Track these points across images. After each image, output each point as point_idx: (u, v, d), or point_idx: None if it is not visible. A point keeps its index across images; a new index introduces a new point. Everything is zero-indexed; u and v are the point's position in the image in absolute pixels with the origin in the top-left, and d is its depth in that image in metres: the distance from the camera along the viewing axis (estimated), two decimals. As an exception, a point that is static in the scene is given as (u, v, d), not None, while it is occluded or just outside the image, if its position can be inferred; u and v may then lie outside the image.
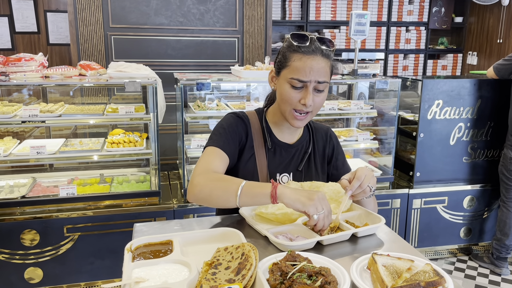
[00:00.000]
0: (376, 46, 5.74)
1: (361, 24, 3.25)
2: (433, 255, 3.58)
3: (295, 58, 1.39)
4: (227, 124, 1.52)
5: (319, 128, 1.68)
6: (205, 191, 1.32)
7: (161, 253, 1.10)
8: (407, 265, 1.04)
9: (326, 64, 1.40)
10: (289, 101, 1.42)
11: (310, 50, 1.38)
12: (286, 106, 1.44)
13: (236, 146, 1.50)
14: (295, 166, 1.58)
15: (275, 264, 1.02)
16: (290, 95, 1.41)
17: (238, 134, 1.51)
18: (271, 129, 1.57)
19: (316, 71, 1.37)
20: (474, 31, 5.86)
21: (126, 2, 3.69)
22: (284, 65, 1.42)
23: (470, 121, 3.39)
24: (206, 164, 1.41)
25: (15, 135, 3.23)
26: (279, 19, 5.42)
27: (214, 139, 1.49)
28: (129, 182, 3.08)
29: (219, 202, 1.32)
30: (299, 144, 1.60)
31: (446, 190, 3.46)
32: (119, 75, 2.85)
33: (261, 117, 1.59)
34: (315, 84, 1.39)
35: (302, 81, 1.38)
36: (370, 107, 3.36)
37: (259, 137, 1.54)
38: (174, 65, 3.91)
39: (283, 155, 1.56)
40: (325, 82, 1.40)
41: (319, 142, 1.65)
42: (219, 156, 1.44)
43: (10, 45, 4.90)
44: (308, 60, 1.37)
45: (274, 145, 1.56)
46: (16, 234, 2.69)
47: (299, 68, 1.37)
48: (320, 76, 1.38)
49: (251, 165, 1.52)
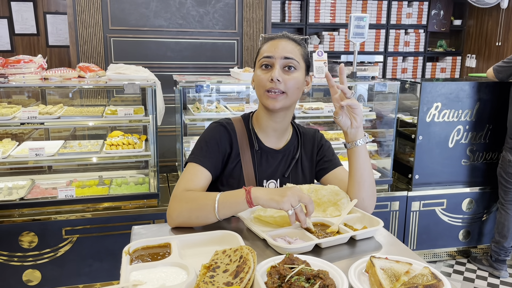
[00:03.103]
0: (375, 48, 5.75)
1: (360, 26, 3.26)
2: (432, 257, 3.58)
3: (264, 45, 1.47)
4: (210, 136, 1.50)
5: (307, 132, 1.66)
6: (183, 214, 1.31)
7: (159, 256, 1.10)
8: (405, 268, 1.04)
9: (293, 46, 1.45)
10: (260, 82, 1.44)
11: (277, 36, 1.47)
12: (260, 90, 1.46)
13: (218, 158, 1.48)
14: (282, 172, 1.56)
15: (273, 267, 1.02)
16: (260, 77, 1.44)
17: (222, 145, 1.49)
18: (257, 134, 1.55)
19: (282, 48, 1.42)
20: (473, 33, 5.88)
21: (125, 4, 3.70)
22: (257, 56, 1.50)
23: (468, 123, 3.39)
24: (185, 184, 1.40)
25: (14, 137, 3.23)
26: (279, 21, 5.43)
27: (195, 153, 1.47)
28: (128, 184, 3.08)
29: (200, 221, 1.32)
30: (286, 150, 1.57)
31: (445, 192, 3.47)
32: (118, 77, 2.85)
33: (247, 123, 1.57)
34: (282, 60, 1.42)
35: (268, 56, 1.42)
36: (369, 110, 3.36)
37: (245, 143, 1.52)
38: (173, 67, 3.91)
39: (269, 161, 1.54)
40: (293, 59, 1.42)
41: (307, 146, 1.63)
42: (199, 173, 1.43)
43: (10, 47, 4.90)
44: (274, 41, 1.45)
45: (261, 150, 1.53)
46: (14, 236, 2.69)
47: (266, 48, 1.45)
48: (286, 52, 1.42)
49: (237, 172, 1.50)
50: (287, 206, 1.19)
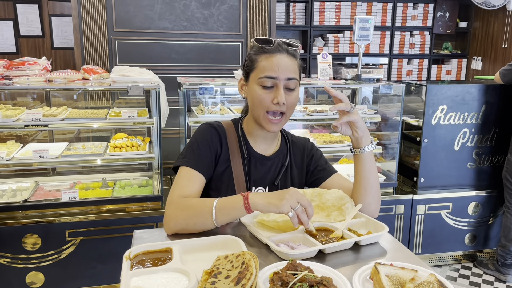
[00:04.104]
0: (380, 51, 5.73)
1: (365, 28, 3.24)
2: (438, 261, 3.55)
3: (262, 58, 1.40)
4: (201, 138, 1.48)
5: (296, 141, 1.63)
6: (180, 222, 1.30)
7: (160, 261, 1.09)
8: (411, 275, 1.02)
9: (293, 62, 1.41)
10: (262, 103, 1.39)
11: (276, 50, 1.39)
12: (259, 110, 1.41)
13: (211, 159, 1.46)
14: (271, 180, 1.53)
15: (276, 273, 1.00)
16: (261, 97, 1.39)
17: (213, 147, 1.47)
18: (247, 139, 1.53)
19: (284, 67, 1.38)
20: (478, 36, 5.84)
21: (130, 6, 3.70)
22: (252, 68, 1.42)
23: (474, 126, 3.36)
24: (180, 190, 1.38)
25: (18, 139, 3.23)
26: (283, 23, 5.42)
27: (187, 157, 1.44)
28: (131, 187, 3.07)
29: (197, 228, 1.30)
30: (276, 157, 1.55)
31: (451, 196, 3.43)
32: (122, 79, 2.85)
33: (237, 127, 1.55)
34: (285, 81, 1.38)
35: (272, 77, 1.37)
36: (374, 112, 3.34)
37: (235, 148, 1.50)
38: (177, 69, 3.91)
39: (258, 167, 1.52)
40: (295, 79, 1.40)
41: (296, 155, 1.60)
42: (193, 178, 1.41)
43: (15, 49, 4.92)
44: (274, 58, 1.38)
45: (250, 155, 1.51)
46: (18, 238, 2.69)
47: (267, 66, 1.38)
48: (289, 72, 1.38)
49: (226, 177, 1.48)
50: (287, 209, 1.18)
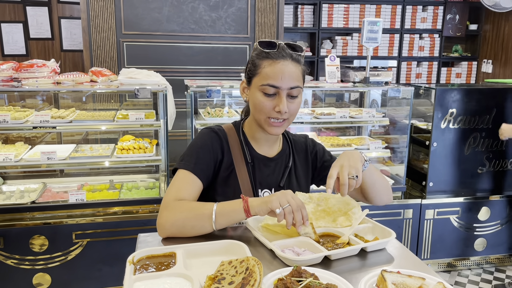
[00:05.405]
0: (389, 53, 5.69)
1: (373, 31, 3.22)
2: (446, 267, 3.50)
3: (265, 64, 1.37)
4: (201, 141, 1.46)
5: (297, 139, 1.62)
6: (177, 224, 1.28)
7: (164, 265, 1.08)
8: (418, 283, 1.00)
9: (297, 69, 1.38)
10: (263, 109, 1.38)
11: (279, 55, 1.36)
12: (261, 115, 1.40)
13: (210, 165, 1.44)
14: (277, 182, 1.52)
15: (280, 280, 0.99)
16: (263, 104, 1.38)
17: (214, 152, 1.45)
18: (249, 142, 1.52)
19: (288, 76, 1.35)
20: (489, 38, 5.77)
21: (138, 9, 3.72)
22: (255, 73, 1.40)
23: (485, 130, 3.32)
24: (176, 192, 1.36)
25: (26, 140, 3.26)
26: (291, 26, 5.40)
27: (186, 160, 1.42)
28: (138, 189, 3.08)
29: (194, 231, 1.29)
30: (279, 158, 1.54)
31: (460, 200, 3.39)
32: (129, 82, 2.86)
33: (238, 130, 1.53)
34: (288, 90, 1.36)
35: (274, 86, 1.35)
36: (382, 115, 3.31)
37: (238, 152, 1.48)
38: (185, 71, 3.91)
39: (262, 169, 1.51)
40: (298, 87, 1.38)
41: (300, 154, 1.60)
42: (190, 181, 1.39)
43: (25, 51, 4.96)
44: (278, 65, 1.35)
45: (253, 158, 1.50)
46: (25, 240, 2.70)
47: (270, 74, 1.36)
48: (293, 81, 1.36)
49: (231, 182, 1.47)
50: (276, 205, 1.19)
